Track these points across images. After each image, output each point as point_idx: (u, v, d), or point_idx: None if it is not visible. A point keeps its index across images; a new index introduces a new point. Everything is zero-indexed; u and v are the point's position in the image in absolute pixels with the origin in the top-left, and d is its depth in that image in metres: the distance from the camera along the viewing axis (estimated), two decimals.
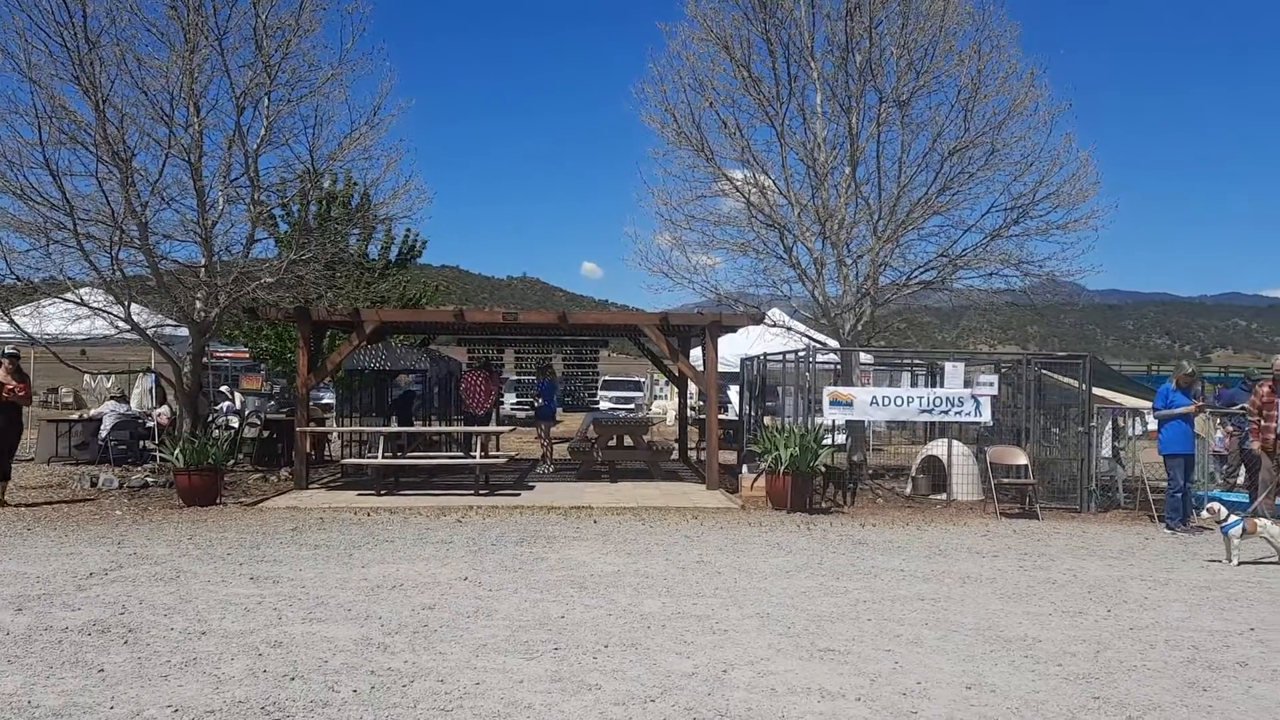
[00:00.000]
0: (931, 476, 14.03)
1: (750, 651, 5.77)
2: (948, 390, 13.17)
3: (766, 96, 14.85)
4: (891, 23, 14.32)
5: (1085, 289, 25.28)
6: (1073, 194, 14.35)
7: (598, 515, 11.31)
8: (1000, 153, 14.40)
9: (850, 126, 14.74)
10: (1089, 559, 9.32)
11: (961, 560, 9.08)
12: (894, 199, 14.83)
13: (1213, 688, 5.28)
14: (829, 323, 15.64)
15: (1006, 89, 14.29)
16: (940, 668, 5.53)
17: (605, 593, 7.26)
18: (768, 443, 12.38)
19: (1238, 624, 6.77)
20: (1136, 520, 12.20)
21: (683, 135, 14.99)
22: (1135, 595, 7.67)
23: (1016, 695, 5.07)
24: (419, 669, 5.29)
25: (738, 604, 7.00)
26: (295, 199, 18.20)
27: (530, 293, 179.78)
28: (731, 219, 15.83)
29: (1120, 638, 6.31)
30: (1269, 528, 9.30)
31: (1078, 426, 12.97)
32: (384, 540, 9.40)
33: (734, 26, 14.68)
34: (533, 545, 9.23)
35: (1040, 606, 7.19)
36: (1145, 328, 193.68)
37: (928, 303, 17.61)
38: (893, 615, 6.79)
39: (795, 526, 10.92)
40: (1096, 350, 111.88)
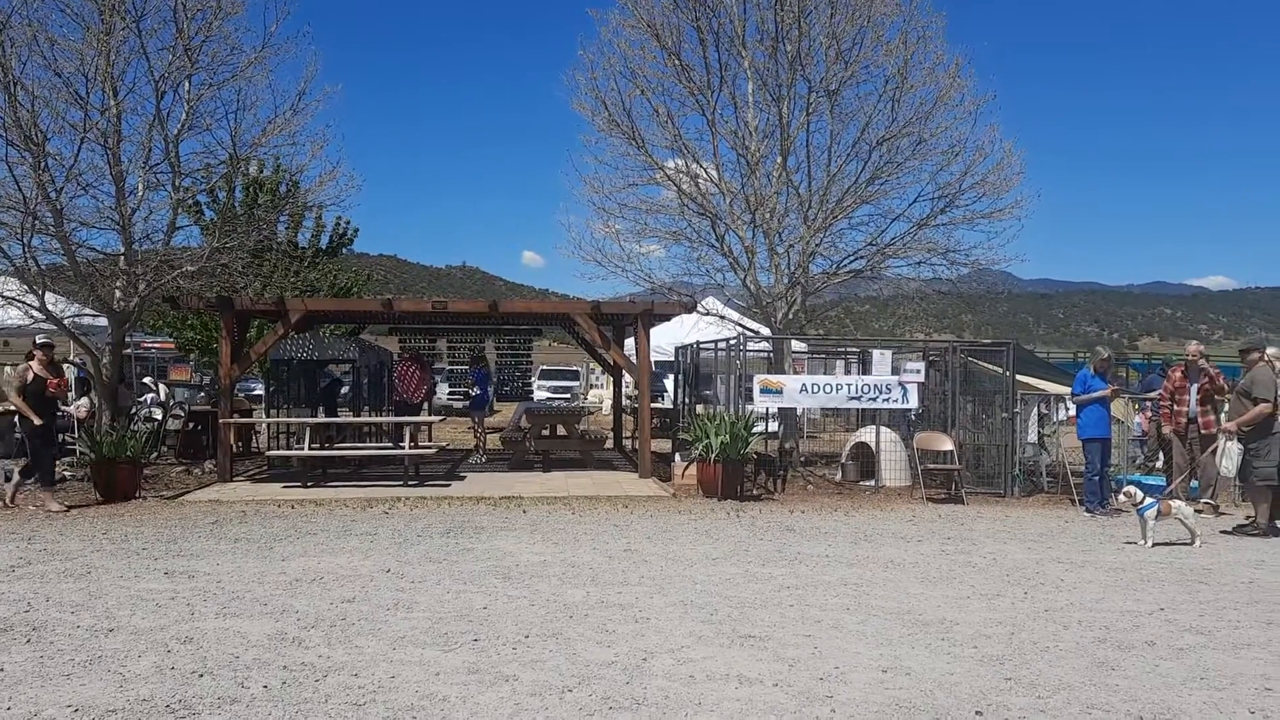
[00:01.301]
0: (861, 463, 14.19)
1: (672, 639, 5.76)
2: (876, 378, 13.31)
3: (697, 85, 14.85)
4: (821, 12, 14.40)
5: (1017, 279, 25.75)
6: (997, 184, 14.60)
7: (528, 505, 11.24)
8: (927, 143, 14.60)
9: (781, 115, 14.80)
10: (1010, 542, 9.49)
11: (886, 545, 9.18)
12: (824, 188, 14.94)
13: (1121, 667, 5.39)
14: (761, 311, 15.71)
15: (933, 80, 14.47)
16: (859, 652, 5.58)
17: (530, 583, 7.21)
18: (699, 431, 12.41)
19: (1148, 604, 6.94)
20: (1058, 504, 12.45)
21: (614, 123, 14.93)
22: (1052, 577, 7.82)
23: (931, 678, 5.12)
24: (333, 663, 5.19)
25: (662, 592, 6.99)
26: (220, 185, 17.82)
27: (470, 282, 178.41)
28: (664, 207, 15.84)
29: (1035, 619, 6.43)
30: (1183, 510, 9.55)
31: (1003, 413, 13.20)
32: (307, 533, 9.24)
33: (665, 14, 14.66)
34: (459, 536, 9.14)
35: (960, 590, 7.30)
36: (1075, 316, 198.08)
37: (864, 292, 17.80)
38: (815, 601, 6.83)
39: (725, 514, 10.96)
40: (1028, 338, 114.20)
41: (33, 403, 10.66)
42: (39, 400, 10.74)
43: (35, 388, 10.75)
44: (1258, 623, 6.46)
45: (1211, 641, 5.96)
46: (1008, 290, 21.17)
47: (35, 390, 10.74)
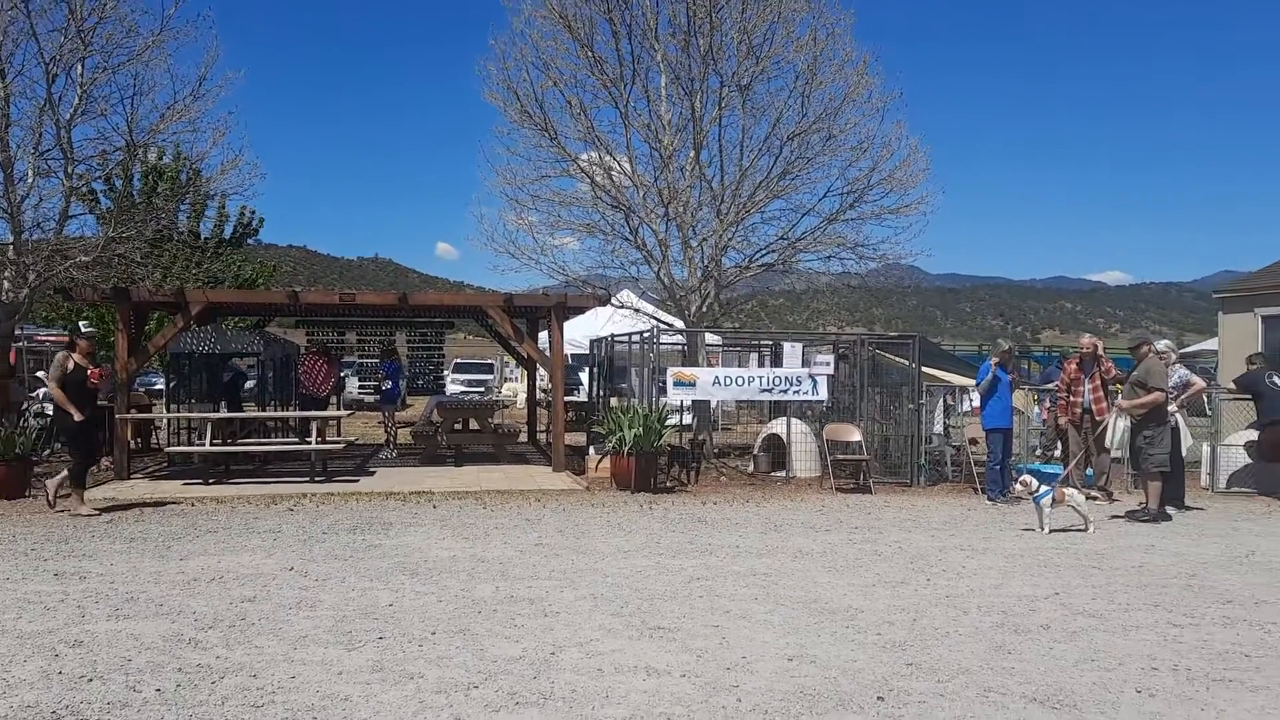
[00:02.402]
0: (773, 454, 14.35)
1: (581, 633, 5.75)
2: (786, 370, 13.48)
3: (610, 77, 14.85)
4: (732, 7, 14.50)
5: (925, 273, 26.28)
6: (904, 180, 14.91)
7: (438, 501, 11.10)
8: (836, 138, 14.83)
9: (693, 109, 14.87)
10: (915, 531, 9.69)
11: (796, 535, 9.30)
12: (736, 182, 15.07)
13: (1017, 650, 5.55)
14: (676, 304, 15.78)
15: (842, 76, 14.71)
16: (765, 641, 5.64)
17: (438, 579, 7.12)
18: (613, 424, 12.41)
19: (1044, 589, 7.15)
20: (962, 493, 12.76)
21: (526, 114, 14.83)
22: (954, 564, 8.01)
23: (835, 665, 5.20)
24: (231, 664, 5.05)
25: (573, 586, 6.97)
26: (116, 173, 17.22)
27: (382, 274, 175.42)
28: (578, 200, 15.81)
29: (937, 605, 6.57)
30: (1076, 497, 9.88)
31: (909, 404, 13.47)
32: (207, 531, 8.98)
33: (577, 6, 14.61)
34: (367, 533, 8.98)
35: (866, 578, 7.43)
36: (981, 310, 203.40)
37: (777, 286, 18.01)
38: (724, 591, 6.88)
39: (638, 506, 10.98)
40: (936, 331, 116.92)
41: (72, 395, 9.97)
42: (79, 392, 10.03)
43: (75, 378, 10.02)
44: (1146, 605, 6.71)
45: (1103, 624, 6.16)
46: (916, 284, 21.62)
47: (75, 381, 10.02)
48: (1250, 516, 11.07)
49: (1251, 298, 16.37)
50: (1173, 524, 10.38)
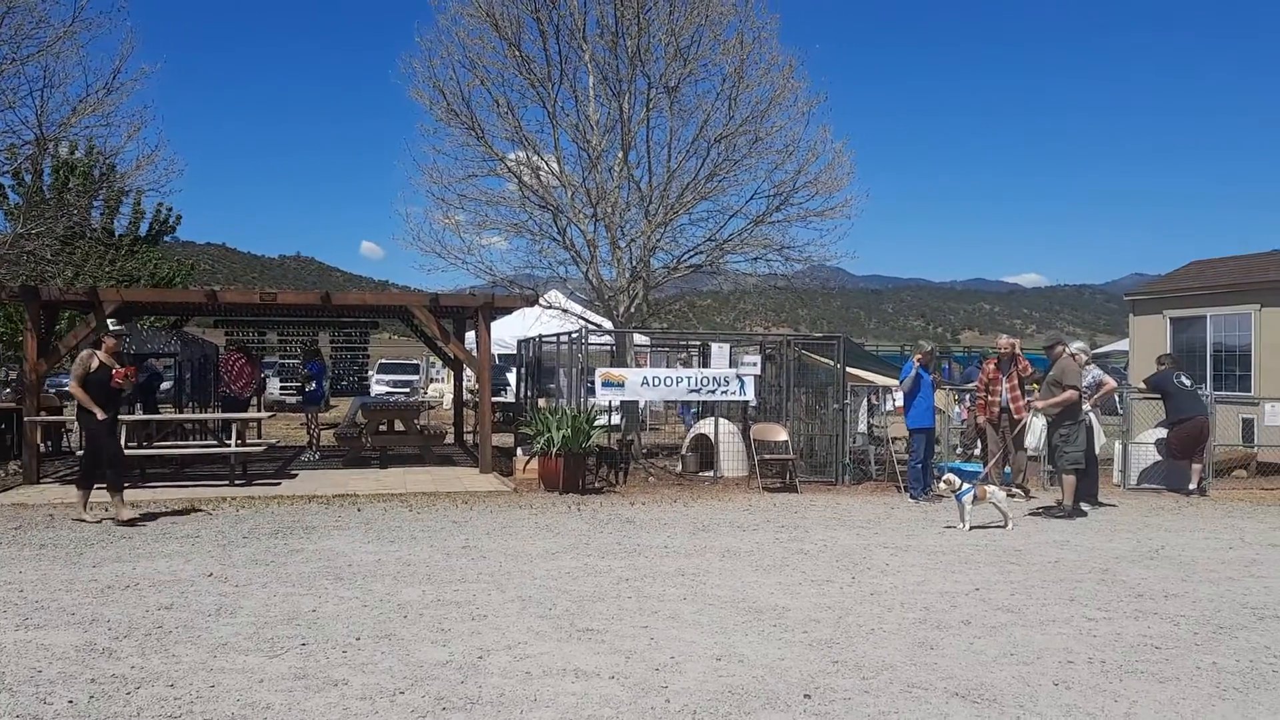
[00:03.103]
0: (701, 454, 14.42)
1: (509, 636, 5.71)
2: (714, 370, 13.56)
3: (538, 77, 14.77)
4: (660, 9, 14.54)
5: (850, 274, 26.71)
6: (829, 183, 15.09)
7: (363, 503, 10.94)
8: (763, 141, 14.96)
9: (622, 110, 14.87)
10: (840, 529, 9.82)
11: (723, 535, 9.36)
12: (664, 183, 15.11)
13: (939, 646, 5.65)
14: (604, 305, 15.76)
15: (768, 79, 14.83)
16: (694, 641, 5.66)
17: (363, 583, 7.01)
18: (541, 425, 12.35)
19: (965, 585, 7.30)
20: (885, 491, 12.97)
21: (453, 113, 14.68)
22: (878, 562, 8.14)
23: (762, 664, 5.24)
24: (148, 674, 4.91)
25: (500, 588, 6.92)
26: (25, 168, 16.64)
27: (304, 272, 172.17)
28: (506, 199, 15.69)
29: (862, 603, 6.67)
30: (997, 494, 10.11)
31: (834, 404, 13.65)
32: (121, 537, 8.71)
33: (504, 4, 14.50)
34: (289, 537, 8.80)
35: (792, 577, 7.51)
36: (903, 310, 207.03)
37: (705, 286, 18.09)
38: (653, 592, 6.90)
39: (566, 508, 10.95)
40: (860, 332, 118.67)
41: (95, 394, 9.52)
42: (102, 391, 9.58)
43: (98, 377, 9.57)
44: (1062, 600, 6.89)
45: (1021, 619, 6.32)
46: (840, 286, 21.92)
47: (98, 380, 9.56)
48: (1159, 512, 11.45)
49: (1160, 300, 16.92)
50: (1087, 520, 10.68)
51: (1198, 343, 15.80)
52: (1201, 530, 10.12)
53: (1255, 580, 7.68)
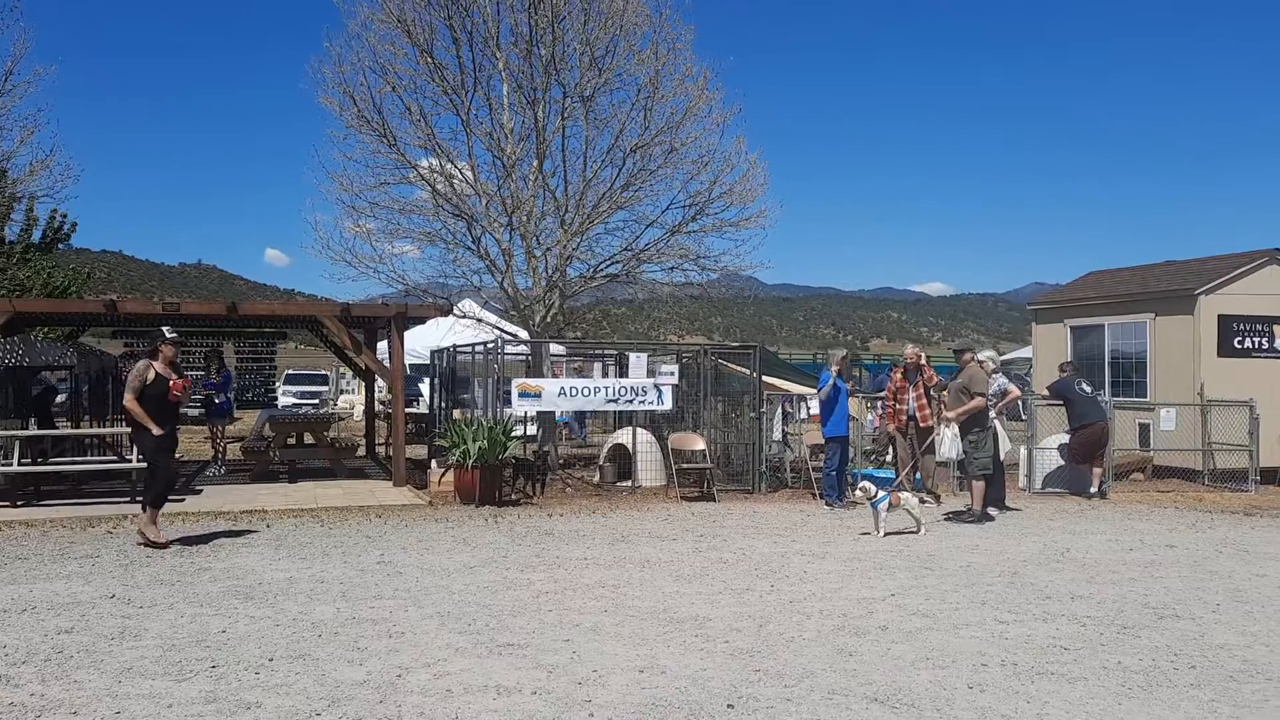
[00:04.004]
0: (618, 464, 14.41)
1: (428, 653, 5.61)
2: (632, 380, 13.56)
3: (451, 84, 14.59)
4: (574, 18, 14.50)
5: (762, 283, 26.98)
6: (744, 193, 15.20)
7: (272, 519, 10.64)
8: (678, 152, 14.99)
9: (536, 119, 14.79)
10: (758, 537, 9.90)
11: (642, 545, 9.35)
12: (580, 192, 15.07)
13: (858, 652, 5.73)
14: (519, 314, 15.65)
15: (683, 90, 14.89)
16: (616, 653, 5.63)
17: (274, 602, 6.82)
18: (456, 436, 12.19)
19: (881, 591, 7.42)
20: (802, 498, 13.11)
21: (364, 119, 14.41)
22: (796, 570, 8.22)
23: (685, 675, 5.24)
24: (48, 702, 4.69)
25: (418, 604, 6.80)
26: None
27: (206, 281, 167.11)
28: (418, 207, 15.45)
29: (781, 611, 6.72)
30: (910, 501, 10.31)
31: (751, 413, 13.77)
32: (16, 558, 8.32)
33: (416, 10, 14.27)
34: (195, 555, 8.51)
35: (712, 586, 7.53)
36: (814, 319, 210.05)
37: (620, 295, 18.08)
38: (574, 605, 6.85)
39: (483, 520, 10.82)
40: (772, 340, 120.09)
41: (151, 408, 8.85)
42: (159, 406, 8.91)
43: (156, 390, 8.88)
44: (974, 603, 7.05)
45: (936, 623, 6.44)
46: (754, 295, 22.14)
47: (156, 393, 8.88)
48: (1064, 515, 11.81)
49: (1061, 309, 17.48)
50: (995, 524, 10.96)
51: (1097, 350, 16.36)
52: (1103, 532, 10.46)
53: (1155, 581, 7.96)
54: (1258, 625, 6.53)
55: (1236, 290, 14.95)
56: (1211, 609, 6.98)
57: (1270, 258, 15.24)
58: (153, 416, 8.82)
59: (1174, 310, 15.09)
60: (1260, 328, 14.97)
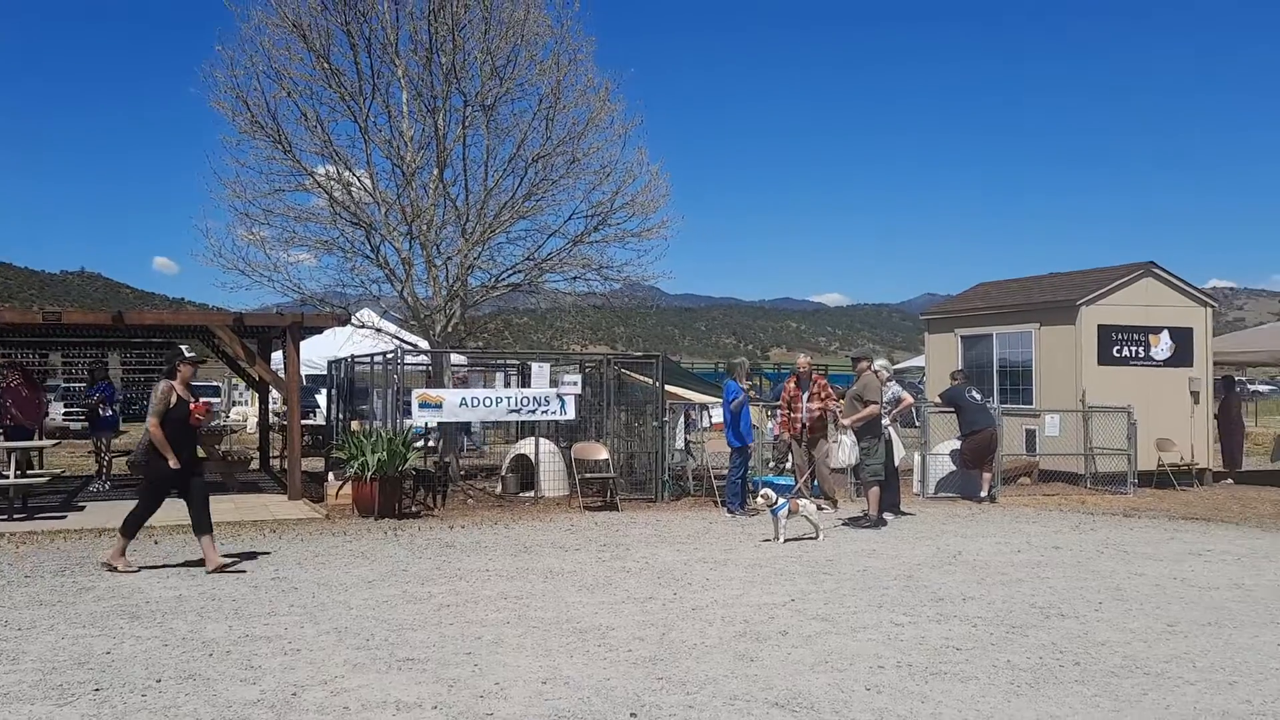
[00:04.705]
0: (521, 475, 14.32)
1: (325, 670, 5.48)
2: (535, 390, 13.50)
3: (349, 91, 14.34)
4: (475, 27, 14.39)
5: (665, 293, 27.14)
6: (646, 204, 15.29)
7: (160, 536, 10.27)
8: (580, 162, 15.01)
9: (437, 127, 14.63)
10: (661, 546, 9.95)
11: (546, 556, 9.31)
12: (481, 201, 14.95)
13: (759, 658, 5.80)
14: (420, 324, 15.44)
15: (585, 101, 14.92)
16: (519, 665, 5.60)
17: (163, 621, 6.58)
18: (354, 448, 11.97)
19: (781, 596, 7.53)
20: (704, 506, 13.22)
21: (258, 125, 14.05)
22: (699, 577, 8.29)
23: (588, 685, 5.24)
24: None
25: (314, 620, 6.64)
26: None
27: (90, 289, 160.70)
28: (315, 215, 15.11)
29: (684, 619, 6.77)
30: (808, 507, 10.50)
31: (654, 422, 13.85)
32: None
33: (312, 15, 14.00)
34: (77, 574, 8.17)
35: (615, 595, 7.54)
36: (715, 328, 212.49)
37: (523, 305, 17.98)
38: (476, 617, 6.78)
39: (382, 533, 10.63)
40: (674, 349, 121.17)
41: (171, 435, 8.20)
42: (179, 432, 8.29)
43: (178, 414, 8.26)
44: (870, 606, 7.21)
45: (834, 627, 6.57)
46: (656, 305, 22.30)
47: (177, 418, 8.26)
48: (956, 519, 12.16)
49: (952, 319, 18.02)
50: (890, 529, 11.23)
51: (986, 359, 16.91)
52: (993, 535, 10.81)
53: (1041, 581, 8.26)
54: (1136, 622, 6.83)
55: (1115, 301, 15.64)
56: (1094, 607, 7.27)
57: (1146, 270, 15.98)
58: (172, 442, 8.25)
59: (1057, 320, 15.70)
60: (1137, 337, 15.67)
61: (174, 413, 8.27)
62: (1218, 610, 7.21)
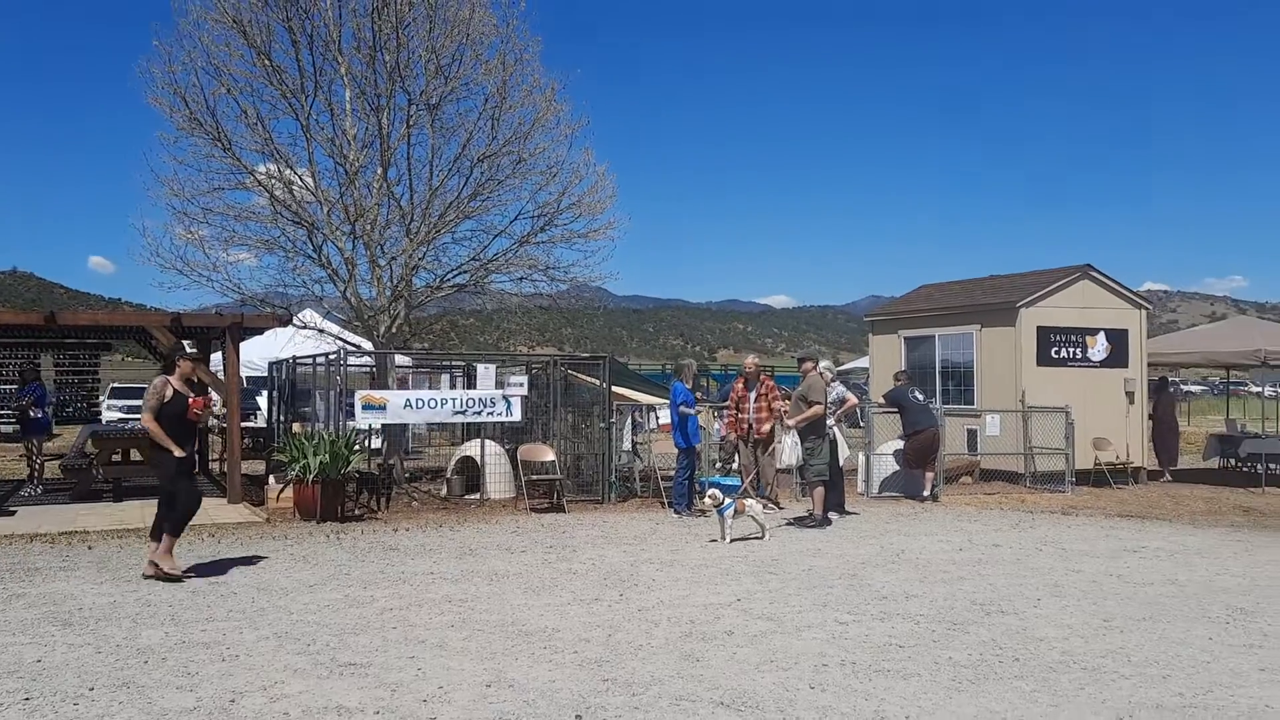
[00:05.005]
0: (467, 477, 14.21)
1: (264, 676, 5.39)
2: (480, 391, 13.41)
3: (290, 88, 14.12)
4: (419, 25, 14.26)
5: (612, 295, 27.09)
6: (592, 205, 15.28)
7: (95, 541, 10.03)
8: (526, 162, 14.95)
9: (381, 126, 14.47)
10: (608, 547, 9.93)
11: (491, 558, 9.25)
12: (426, 201, 14.82)
13: (705, 658, 5.81)
14: (363, 325, 15.26)
15: (531, 101, 14.86)
16: (463, 669, 5.55)
17: (97, 628, 6.42)
18: (296, 450, 11.78)
19: (728, 596, 7.56)
20: (651, 507, 13.23)
21: (196, 122, 13.77)
22: (645, 578, 8.28)
23: (533, 687, 5.20)
24: None
25: (254, 625, 6.52)
26: None
27: (22, 289, 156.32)
28: (255, 214, 14.85)
29: (630, 620, 6.76)
30: (754, 507, 10.56)
31: (601, 423, 13.82)
32: None
33: (253, 11, 13.75)
34: (7, 581, 7.93)
35: (561, 597, 7.51)
36: (663, 330, 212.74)
37: (468, 306, 17.86)
38: (420, 620, 6.71)
39: (325, 537, 10.48)
40: (622, 350, 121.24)
41: (169, 428, 8.12)
42: (177, 425, 8.20)
43: (174, 409, 8.17)
44: (815, 605, 7.26)
45: (780, 627, 6.60)
46: (603, 306, 22.28)
47: (173, 413, 8.17)
48: (899, 518, 12.30)
49: (896, 321, 18.24)
50: (835, 528, 11.33)
51: (928, 360, 17.13)
52: (936, 534, 10.95)
53: (982, 579, 8.38)
54: (1073, 618, 6.96)
55: (1053, 304, 15.93)
56: (1033, 604, 7.39)
57: (1083, 273, 16.30)
58: (171, 436, 8.18)
59: (998, 322, 15.95)
60: (1075, 339, 15.98)
61: (169, 407, 8.20)
62: (1152, 605, 7.38)
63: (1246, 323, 22.54)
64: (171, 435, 8.19)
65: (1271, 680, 5.48)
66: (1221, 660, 5.89)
